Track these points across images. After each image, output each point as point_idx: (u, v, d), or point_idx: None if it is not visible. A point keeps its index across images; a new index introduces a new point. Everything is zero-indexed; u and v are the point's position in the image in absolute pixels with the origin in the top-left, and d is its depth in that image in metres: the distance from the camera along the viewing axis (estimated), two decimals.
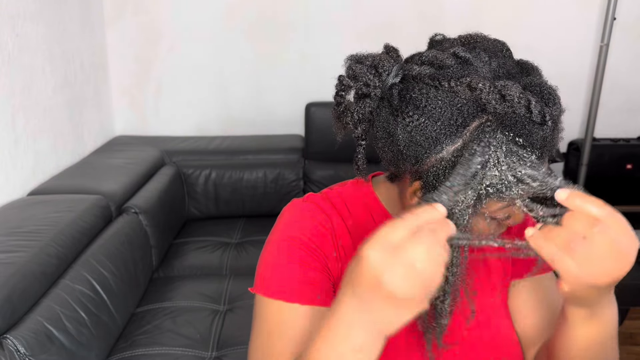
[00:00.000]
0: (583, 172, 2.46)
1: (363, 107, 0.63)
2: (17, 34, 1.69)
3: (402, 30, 2.46)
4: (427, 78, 0.58)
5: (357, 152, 0.68)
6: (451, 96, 0.56)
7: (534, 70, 0.61)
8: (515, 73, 0.59)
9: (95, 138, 2.32)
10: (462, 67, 0.58)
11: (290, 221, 0.73)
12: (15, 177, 1.69)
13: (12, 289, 1.14)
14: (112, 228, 1.63)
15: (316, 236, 0.70)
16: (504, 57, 0.60)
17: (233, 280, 1.83)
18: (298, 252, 0.69)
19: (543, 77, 0.60)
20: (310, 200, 0.74)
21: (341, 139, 0.68)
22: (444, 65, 0.58)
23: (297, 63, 2.52)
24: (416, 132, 0.58)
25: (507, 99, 0.54)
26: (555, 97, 0.57)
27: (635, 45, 2.53)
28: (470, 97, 0.56)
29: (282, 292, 0.68)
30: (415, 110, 0.58)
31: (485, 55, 0.59)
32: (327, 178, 2.34)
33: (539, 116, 0.54)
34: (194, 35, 2.48)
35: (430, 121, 0.57)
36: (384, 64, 0.61)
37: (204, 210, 2.34)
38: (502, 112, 0.55)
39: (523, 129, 0.55)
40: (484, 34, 0.63)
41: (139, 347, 1.46)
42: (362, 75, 0.62)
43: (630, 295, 1.95)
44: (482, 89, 0.55)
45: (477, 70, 0.58)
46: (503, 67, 0.59)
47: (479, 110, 0.56)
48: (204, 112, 2.60)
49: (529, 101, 0.54)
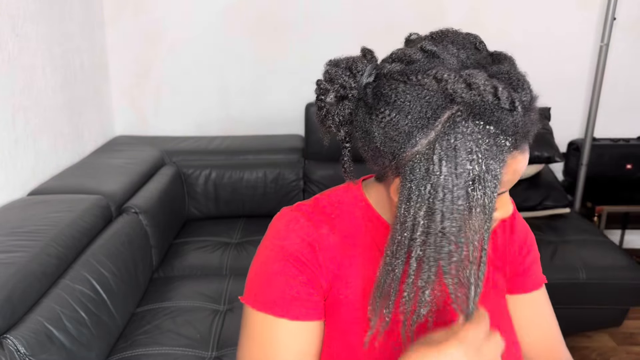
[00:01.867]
0: (583, 172, 2.46)
1: (343, 109, 0.64)
2: (17, 34, 1.69)
3: (402, 31, 2.43)
4: (397, 74, 0.59)
5: (342, 155, 0.69)
6: (419, 89, 0.57)
7: (507, 59, 0.61)
8: (486, 63, 0.60)
9: (95, 138, 2.32)
10: (429, 60, 0.59)
11: (277, 233, 0.73)
12: (15, 177, 1.69)
13: (12, 289, 1.14)
14: (112, 228, 1.63)
15: (303, 248, 0.70)
16: (475, 49, 0.61)
17: (233, 280, 1.83)
18: (285, 266, 0.69)
19: (515, 67, 0.60)
20: (298, 210, 0.74)
21: (327, 143, 0.69)
22: (412, 60, 0.59)
23: (297, 63, 2.52)
24: (389, 128, 0.58)
25: (472, 87, 0.55)
26: (524, 82, 0.58)
27: (635, 45, 2.53)
28: (438, 89, 0.56)
29: (270, 306, 0.69)
30: (386, 106, 0.59)
31: (453, 47, 0.60)
32: (327, 178, 2.34)
33: (506, 102, 0.55)
34: (194, 35, 2.48)
35: (401, 115, 0.57)
36: (358, 65, 0.63)
37: (204, 210, 2.35)
38: (469, 100, 0.55)
39: (492, 115, 0.55)
40: (455, 29, 0.63)
41: (139, 347, 1.46)
42: (337, 78, 0.63)
43: (630, 295, 1.95)
44: (447, 79, 0.55)
45: (443, 62, 0.58)
46: (472, 58, 0.60)
47: (448, 101, 0.56)
48: (204, 112, 2.60)
49: (495, 88, 0.55)
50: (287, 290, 0.69)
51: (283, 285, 0.69)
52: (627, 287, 1.93)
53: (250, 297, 0.72)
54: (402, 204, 0.60)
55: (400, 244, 0.61)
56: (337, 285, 0.71)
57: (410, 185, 0.58)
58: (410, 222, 0.59)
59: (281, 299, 0.69)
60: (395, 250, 0.61)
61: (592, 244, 2.07)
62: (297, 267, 0.69)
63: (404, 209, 0.59)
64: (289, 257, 0.69)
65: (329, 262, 0.71)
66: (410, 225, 0.59)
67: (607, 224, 2.48)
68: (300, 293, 0.69)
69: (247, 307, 0.72)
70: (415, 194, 0.58)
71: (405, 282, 0.62)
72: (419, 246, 0.59)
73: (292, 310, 0.69)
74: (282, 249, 0.70)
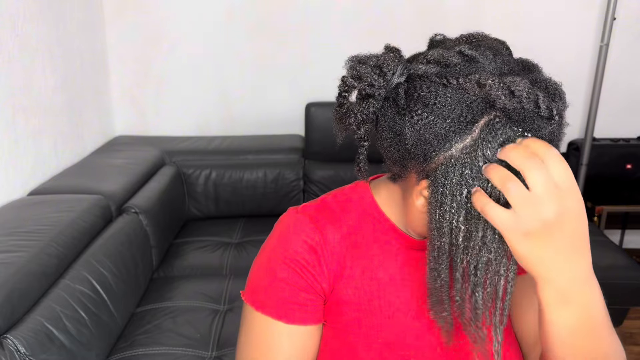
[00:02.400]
0: (583, 172, 2.46)
1: (367, 108, 0.62)
2: (17, 34, 1.69)
3: (402, 30, 2.46)
4: (435, 76, 0.58)
5: (359, 153, 0.68)
6: (460, 93, 0.57)
7: (535, 67, 0.61)
8: (519, 70, 0.59)
9: (95, 138, 2.32)
10: (468, 64, 0.58)
11: (282, 237, 0.73)
12: (15, 177, 1.69)
13: (12, 289, 1.14)
14: (112, 228, 1.63)
15: (305, 251, 0.70)
16: (507, 55, 0.61)
17: (233, 280, 1.83)
18: (287, 270, 0.70)
19: (545, 74, 0.60)
20: (304, 212, 0.74)
21: (341, 140, 0.68)
22: (450, 63, 0.59)
23: (297, 63, 2.52)
24: (425, 130, 0.58)
25: (516, 94, 0.54)
26: (561, 92, 0.58)
27: (635, 45, 2.53)
28: (480, 94, 0.56)
29: (269, 308, 0.70)
30: (424, 108, 0.58)
31: (490, 53, 0.59)
32: (327, 178, 2.34)
33: (547, 111, 0.55)
34: (194, 35, 2.48)
35: (439, 118, 0.57)
36: (389, 63, 0.61)
37: (204, 210, 2.34)
38: (511, 107, 0.55)
39: (532, 124, 0.55)
40: (484, 33, 0.63)
41: (139, 347, 1.46)
42: (366, 76, 0.61)
43: (630, 295, 1.95)
44: (491, 85, 0.55)
45: (484, 67, 0.58)
46: (507, 64, 0.59)
47: (488, 106, 0.56)
48: (204, 112, 2.60)
49: (537, 96, 0.55)
50: (286, 294, 0.69)
51: (282, 289, 0.69)
52: (627, 287, 1.93)
53: (250, 296, 0.72)
54: (436, 209, 0.59)
55: (441, 250, 0.60)
56: (339, 285, 0.71)
57: (442, 189, 0.58)
58: (447, 227, 0.59)
59: (279, 302, 0.69)
60: (437, 256, 0.61)
61: (592, 244, 2.02)
62: (297, 272, 0.69)
63: (438, 214, 0.59)
64: (291, 261, 0.70)
65: (331, 264, 0.71)
66: (448, 231, 0.59)
67: (607, 224, 2.48)
68: (299, 298, 0.69)
69: (247, 304, 0.73)
70: (449, 199, 0.58)
71: (454, 287, 0.62)
72: (462, 252, 0.59)
73: (290, 314, 0.69)
74: (285, 252, 0.70)
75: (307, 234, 0.71)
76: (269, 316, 0.70)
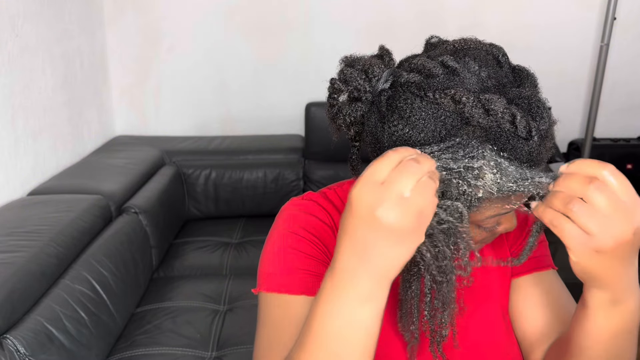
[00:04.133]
0: None
1: (355, 111, 0.62)
2: (17, 34, 1.69)
3: (402, 30, 2.46)
4: (414, 87, 0.57)
5: (351, 153, 0.68)
6: (435, 108, 0.56)
7: (529, 78, 0.60)
8: (507, 82, 0.58)
9: (95, 138, 2.32)
10: (448, 77, 0.57)
11: (290, 217, 0.73)
12: (15, 177, 1.69)
13: (12, 289, 1.14)
14: (112, 228, 1.63)
15: (317, 228, 0.71)
16: (498, 64, 0.59)
17: (233, 280, 1.83)
18: (300, 244, 0.70)
19: (537, 87, 0.59)
20: (309, 198, 0.75)
21: (337, 138, 0.68)
22: (431, 74, 0.57)
23: (297, 63, 2.52)
24: (400, 142, 0.57)
25: (490, 113, 0.54)
26: (544, 110, 0.56)
27: (635, 45, 2.53)
28: (455, 110, 0.55)
29: (287, 285, 0.68)
30: (399, 120, 0.57)
31: (475, 64, 0.58)
32: (327, 178, 2.34)
33: (524, 131, 0.54)
34: (194, 35, 2.48)
35: (414, 132, 0.56)
36: (374, 69, 0.61)
37: (204, 210, 2.34)
38: (486, 126, 0.54)
39: (507, 143, 0.54)
40: (479, 40, 0.62)
41: (139, 347, 1.46)
42: (352, 80, 0.61)
43: None
44: (465, 102, 0.54)
45: (463, 81, 0.57)
46: (493, 77, 0.58)
47: (464, 123, 0.55)
48: (204, 112, 2.59)
49: (513, 116, 0.53)
50: (302, 266, 0.69)
51: (299, 262, 0.69)
52: None
53: (264, 283, 0.71)
54: None
55: (412, 261, 0.59)
56: None
57: None
58: None
59: (296, 276, 0.68)
60: (409, 267, 0.60)
61: None
62: (310, 244, 0.70)
63: None
64: (302, 235, 0.70)
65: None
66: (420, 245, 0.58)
67: None
68: (317, 268, 0.69)
69: (263, 294, 0.71)
70: None
71: (424, 300, 0.61)
72: (429, 265, 0.57)
73: (310, 285, 0.68)
74: (294, 230, 0.71)
75: (317, 215, 0.72)
76: (289, 294, 0.68)
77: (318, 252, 0.70)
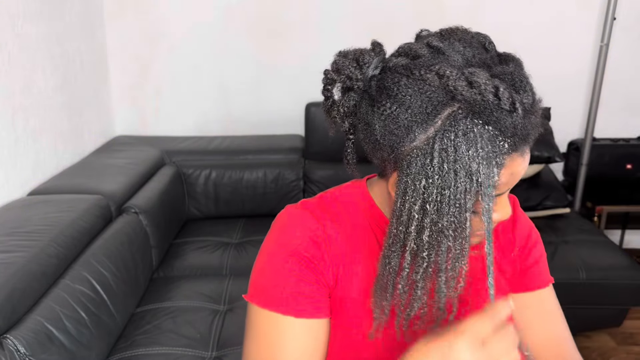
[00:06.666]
0: (583, 172, 2.46)
1: (348, 101, 0.64)
2: (17, 34, 1.69)
3: (402, 30, 2.44)
4: (401, 68, 0.59)
5: (346, 147, 0.69)
6: (420, 84, 0.57)
7: (513, 61, 0.60)
8: (492, 63, 0.59)
9: (95, 138, 2.32)
10: (433, 56, 0.59)
11: (283, 231, 0.72)
12: (15, 177, 1.69)
13: (12, 289, 1.14)
14: (112, 228, 1.63)
15: (309, 246, 0.70)
16: (483, 49, 0.60)
17: (233, 280, 1.83)
18: (291, 264, 0.69)
19: (521, 68, 0.60)
20: (304, 208, 0.74)
21: (333, 134, 0.69)
22: (417, 55, 0.59)
23: (297, 63, 2.52)
24: (389, 121, 0.58)
25: (474, 85, 0.55)
26: (527, 84, 0.57)
27: (635, 45, 2.53)
28: (439, 85, 0.56)
29: (276, 303, 0.69)
30: (388, 99, 0.59)
31: (460, 45, 0.60)
32: (327, 178, 2.34)
33: (507, 102, 0.55)
34: (194, 35, 2.48)
35: (402, 109, 0.58)
36: (365, 57, 0.63)
37: (204, 210, 2.34)
38: (470, 99, 0.55)
39: (491, 115, 0.55)
40: (465, 28, 0.63)
41: (139, 347, 1.46)
42: (344, 69, 0.63)
43: (630, 295, 1.95)
44: (449, 76, 0.55)
45: (448, 59, 0.58)
46: (477, 57, 0.59)
47: (449, 98, 0.56)
48: (204, 112, 2.60)
49: (496, 87, 0.54)
50: (292, 287, 0.69)
51: (288, 282, 0.69)
52: (627, 287, 1.93)
53: (255, 295, 0.71)
54: (399, 198, 0.60)
55: (396, 237, 0.61)
56: (342, 281, 0.71)
57: (406, 179, 0.59)
58: (405, 216, 0.59)
59: (286, 296, 0.68)
60: (391, 244, 0.62)
61: (592, 244, 2.07)
62: (302, 264, 0.69)
63: (399, 202, 0.60)
64: (294, 254, 0.69)
65: (334, 258, 0.71)
66: (406, 219, 0.59)
67: (607, 224, 2.48)
68: (305, 290, 0.69)
69: (252, 304, 0.71)
70: (410, 189, 0.58)
71: (400, 275, 0.62)
72: (413, 240, 0.60)
73: (298, 308, 0.68)
74: (287, 246, 0.70)
75: (309, 228, 0.71)
76: (277, 312, 0.68)
77: (307, 271, 0.69)
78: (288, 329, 0.68)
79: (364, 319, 0.71)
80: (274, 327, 0.69)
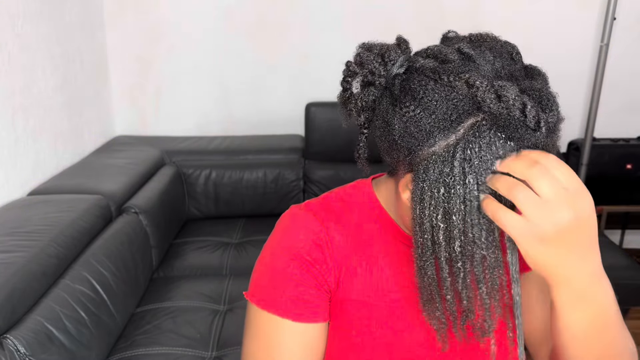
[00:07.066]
0: (583, 172, 2.46)
1: (367, 95, 0.63)
2: (17, 34, 1.69)
3: (402, 30, 2.43)
4: (429, 71, 0.58)
5: (358, 140, 0.68)
6: (448, 90, 0.56)
7: (540, 76, 0.60)
8: (519, 76, 0.59)
9: (95, 138, 2.32)
10: (464, 63, 0.58)
11: (286, 232, 0.72)
12: (15, 177, 1.69)
13: (12, 289, 1.14)
14: (112, 228, 1.63)
15: (312, 249, 0.69)
16: (511, 59, 0.60)
17: (233, 280, 1.83)
18: (293, 267, 0.69)
19: (547, 84, 0.59)
20: (308, 209, 0.73)
21: (346, 126, 0.68)
22: (447, 59, 0.58)
23: (297, 63, 2.52)
24: (411, 123, 0.58)
25: (502, 99, 0.54)
26: (554, 104, 0.56)
27: (635, 45, 2.53)
28: (467, 94, 0.55)
29: (275, 306, 0.69)
30: (412, 101, 0.58)
31: (490, 54, 0.59)
32: (327, 178, 2.34)
33: (532, 121, 0.54)
34: (194, 35, 2.48)
35: (425, 113, 0.57)
36: (391, 53, 0.61)
37: (204, 210, 2.34)
38: (496, 112, 0.54)
39: (516, 132, 0.54)
40: (494, 35, 0.62)
41: (139, 347, 1.46)
42: (368, 63, 0.62)
43: (630, 295, 1.95)
44: (479, 86, 0.54)
45: (478, 68, 0.57)
46: (506, 68, 0.58)
47: (475, 108, 0.55)
48: (204, 112, 2.60)
49: (524, 104, 0.54)
50: (292, 291, 0.69)
51: (288, 286, 0.69)
52: (627, 287, 1.93)
53: (255, 295, 0.71)
54: (416, 205, 0.59)
55: (424, 247, 0.60)
56: (344, 283, 0.71)
57: (422, 185, 0.58)
58: (427, 224, 0.58)
59: (286, 300, 0.69)
60: (422, 253, 0.61)
61: None
62: (303, 268, 0.69)
63: (418, 210, 0.59)
64: (296, 257, 0.69)
65: (336, 260, 0.70)
66: (429, 228, 0.58)
67: (607, 224, 2.48)
68: (306, 295, 0.69)
69: (252, 304, 0.71)
70: (427, 195, 0.57)
71: (444, 285, 0.61)
72: (444, 249, 0.58)
73: (296, 312, 0.68)
74: (290, 249, 0.70)
75: (312, 231, 0.70)
76: (275, 315, 0.69)
77: (308, 275, 0.69)
78: (286, 331, 0.69)
79: (364, 321, 0.71)
80: (273, 328, 0.69)
